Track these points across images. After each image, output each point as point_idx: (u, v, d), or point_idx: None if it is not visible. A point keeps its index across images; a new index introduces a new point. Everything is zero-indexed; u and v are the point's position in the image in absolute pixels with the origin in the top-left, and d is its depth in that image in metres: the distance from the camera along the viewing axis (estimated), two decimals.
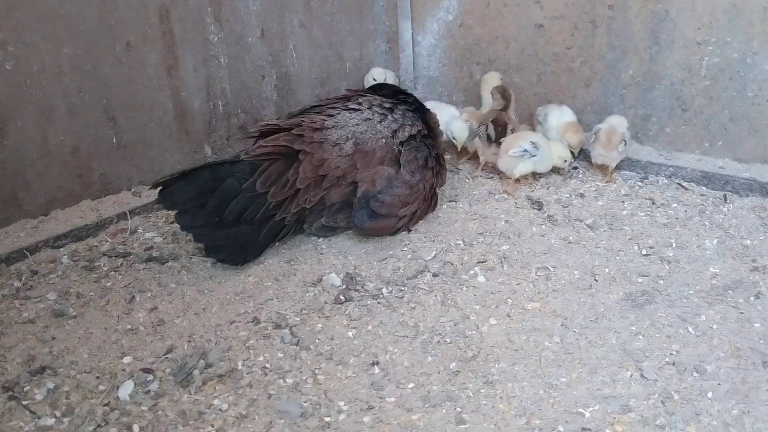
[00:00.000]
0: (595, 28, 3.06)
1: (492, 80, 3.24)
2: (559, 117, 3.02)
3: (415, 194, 2.49)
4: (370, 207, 2.39)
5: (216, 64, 2.97)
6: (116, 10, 2.57)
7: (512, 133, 2.96)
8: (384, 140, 2.50)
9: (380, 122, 2.53)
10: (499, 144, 2.92)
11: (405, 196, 2.45)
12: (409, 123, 2.60)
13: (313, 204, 2.38)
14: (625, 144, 2.83)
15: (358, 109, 2.55)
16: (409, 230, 2.52)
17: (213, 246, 2.27)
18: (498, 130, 2.93)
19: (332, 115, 2.50)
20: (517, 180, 2.86)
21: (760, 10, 2.64)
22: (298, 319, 2.04)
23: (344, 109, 2.53)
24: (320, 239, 2.49)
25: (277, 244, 2.43)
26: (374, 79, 3.46)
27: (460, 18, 3.47)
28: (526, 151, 2.79)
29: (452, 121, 3.02)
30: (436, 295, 2.14)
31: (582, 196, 2.79)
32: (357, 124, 2.49)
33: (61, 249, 2.43)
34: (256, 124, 2.57)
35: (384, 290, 2.17)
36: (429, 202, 2.60)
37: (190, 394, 1.73)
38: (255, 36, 3.09)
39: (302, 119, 2.46)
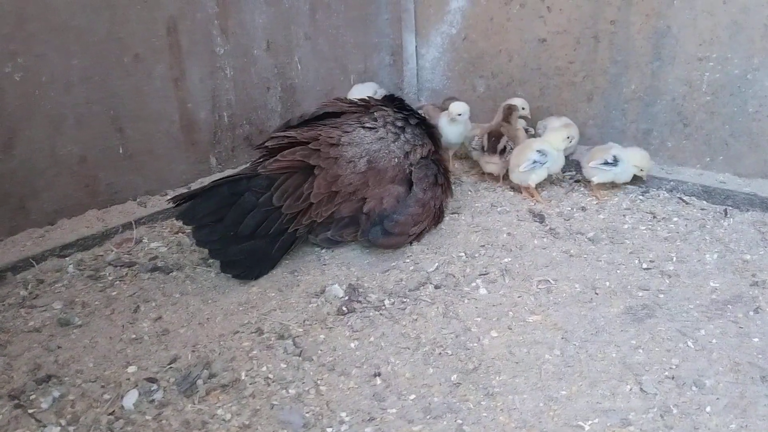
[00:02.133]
0: (598, 43, 3.09)
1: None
2: None
3: (427, 212, 2.54)
4: (384, 226, 2.41)
5: (222, 76, 3.01)
6: (125, 23, 2.61)
7: (507, 140, 3.00)
8: (396, 160, 2.53)
9: (394, 142, 2.56)
10: (494, 152, 2.97)
11: (417, 215, 2.49)
12: (420, 143, 2.63)
13: (324, 219, 2.40)
14: (609, 164, 2.84)
15: (373, 128, 2.56)
16: (411, 242, 2.55)
17: (228, 262, 2.29)
18: (491, 140, 2.97)
19: (348, 132, 2.51)
20: (532, 190, 2.92)
21: (761, 27, 2.67)
22: (301, 329, 2.06)
23: (360, 126, 2.55)
24: (323, 250, 2.52)
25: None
26: None
27: (464, 32, 3.51)
28: (536, 162, 2.82)
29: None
30: (437, 307, 2.16)
31: (584, 209, 2.81)
32: (371, 143, 2.51)
33: (67, 258, 2.46)
34: (272, 134, 2.53)
35: (386, 302, 2.19)
36: (438, 218, 2.64)
37: (194, 404, 1.75)
38: (261, 48, 3.13)
39: (319, 132, 2.46)
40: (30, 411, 1.72)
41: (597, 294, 2.21)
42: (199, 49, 2.89)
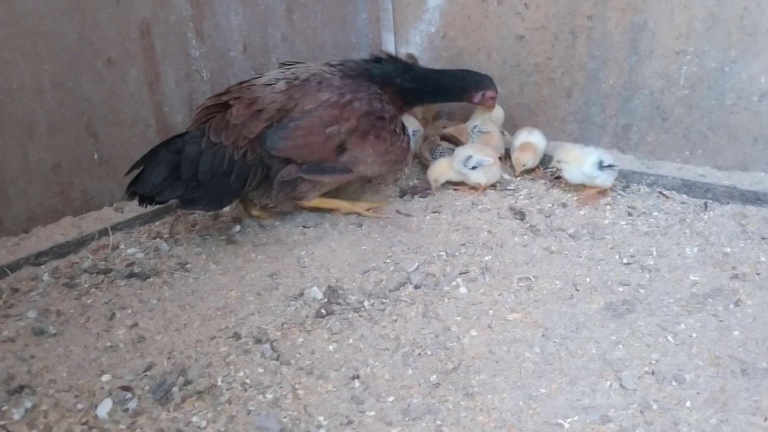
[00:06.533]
0: (576, 38, 3.08)
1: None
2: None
3: (347, 113, 2.55)
4: (278, 134, 2.48)
5: (198, 79, 2.98)
6: (97, 27, 2.58)
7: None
8: (329, 80, 2.61)
9: (341, 79, 2.65)
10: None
11: (329, 116, 2.52)
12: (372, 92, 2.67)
13: (257, 134, 2.44)
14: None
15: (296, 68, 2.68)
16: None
17: (188, 199, 2.40)
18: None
19: (261, 75, 2.66)
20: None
21: (737, 19, 2.67)
22: (279, 333, 2.03)
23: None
24: (303, 252, 2.49)
25: (259, 255, 2.47)
26: None
27: (443, 30, 3.49)
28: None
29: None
30: (417, 307, 2.14)
31: (564, 205, 2.80)
32: (284, 72, 2.63)
33: (42, 266, 2.42)
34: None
35: (366, 303, 2.17)
36: (391, 134, 2.65)
37: (169, 412, 1.72)
38: (237, 50, 3.10)
39: (229, 87, 2.59)
40: (1, 423, 1.69)
41: (577, 290, 2.20)
42: (174, 52, 2.86)
